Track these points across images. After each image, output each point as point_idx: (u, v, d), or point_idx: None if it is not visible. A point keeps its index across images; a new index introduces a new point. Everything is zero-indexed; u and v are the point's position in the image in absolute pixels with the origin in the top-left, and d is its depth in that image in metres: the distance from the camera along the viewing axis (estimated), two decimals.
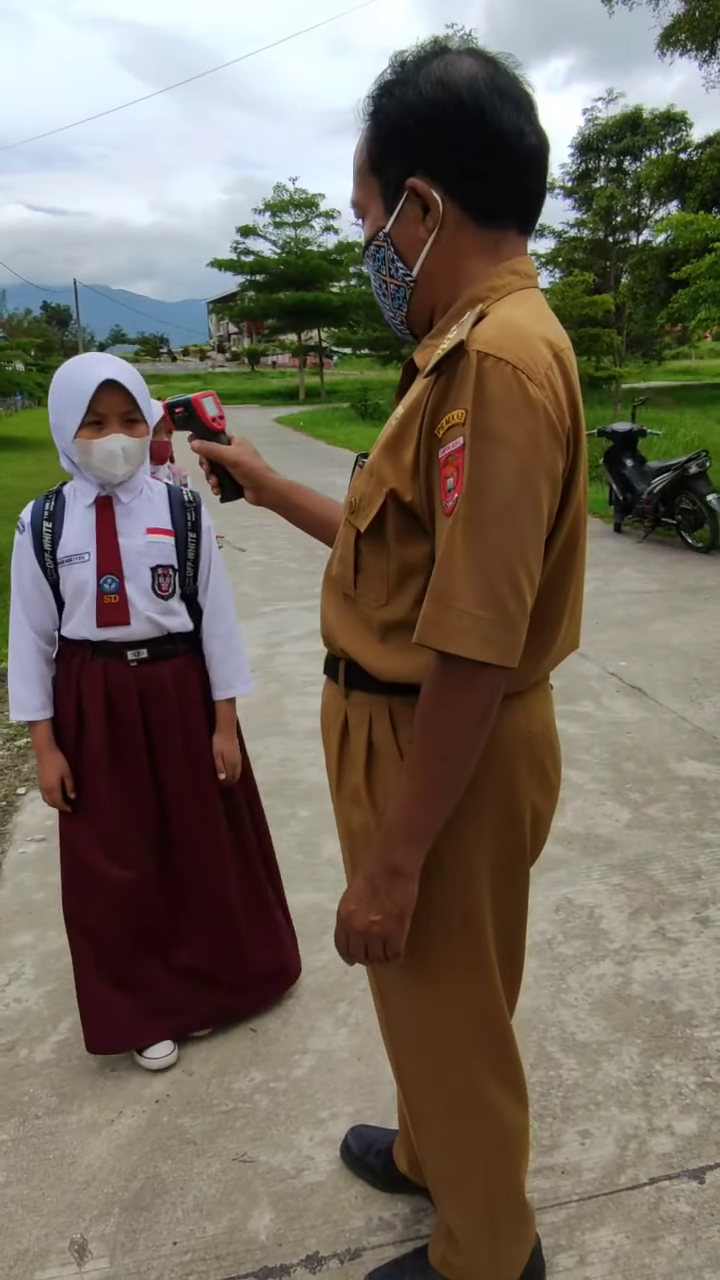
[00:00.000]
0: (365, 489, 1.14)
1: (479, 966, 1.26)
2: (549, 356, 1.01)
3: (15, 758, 3.79)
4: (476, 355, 0.97)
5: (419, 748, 1.05)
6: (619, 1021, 2.17)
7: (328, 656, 1.29)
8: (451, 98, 1.04)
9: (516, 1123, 1.37)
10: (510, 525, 0.97)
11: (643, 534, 7.80)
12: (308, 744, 3.82)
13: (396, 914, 1.11)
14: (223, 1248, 1.64)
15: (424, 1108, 1.38)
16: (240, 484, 1.41)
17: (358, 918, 1.13)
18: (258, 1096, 1.98)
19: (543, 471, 0.99)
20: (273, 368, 64.18)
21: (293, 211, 34.61)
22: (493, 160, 1.06)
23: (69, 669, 1.96)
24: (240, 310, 39.29)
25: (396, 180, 1.10)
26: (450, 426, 0.99)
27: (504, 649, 0.98)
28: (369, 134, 1.12)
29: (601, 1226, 1.66)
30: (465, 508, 0.96)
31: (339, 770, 1.28)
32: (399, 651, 1.13)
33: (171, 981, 2.09)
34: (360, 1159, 1.77)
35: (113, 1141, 1.87)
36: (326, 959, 2.42)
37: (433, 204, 1.08)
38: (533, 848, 1.28)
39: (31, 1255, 1.63)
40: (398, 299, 1.17)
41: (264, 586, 6.54)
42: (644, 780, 3.43)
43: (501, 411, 0.96)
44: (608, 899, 2.67)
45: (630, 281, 24.04)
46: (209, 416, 1.39)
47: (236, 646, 2.10)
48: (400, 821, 1.08)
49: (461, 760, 1.04)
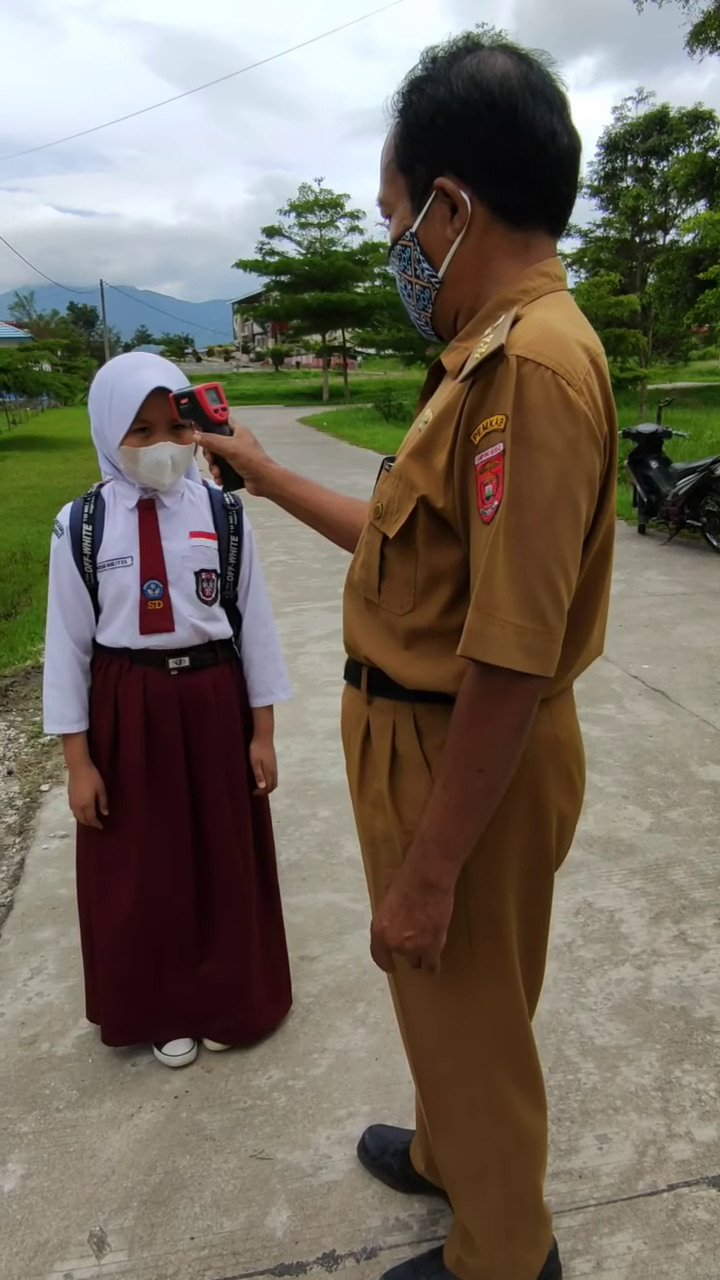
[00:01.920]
0: (393, 494, 1.12)
1: (502, 971, 1.25)
2: (586, 362, 1.00)
3: (39, 754, 3.83)
4: (516, 360, 0.96)
5: (455, 760, 1.03)
6: (638, 1026, 2.16)
7: (349, 662, 1.28)
8: (483, 96, 1.02)
9: (534, 1126, 1.37)
10: (550, 533, 0.96)
11: (667, 536, 7.74)
12: (329, 744, 3.83)
13: (431, 928, 1.10)
14: (239, 1244, 1.65)
15: (442, 1109, 1.38)
16: (240, 474, 1.42)
17: (391, 934, 1.12)
18: (276, 1094, 1.99)
19: (582, 478, 0.98)
20: (297, 368, 64.33)
21: (318, 212, 34.66)
22: (524, 161, 1.04)
23: (106, 679, 1.91)
24: (265, 311, 39.44)
25: (425, 179, 1.08)
26: (488, 432, 0.97)
27: (544, 659, 0.97)
28: (397, 131, 1.10)
29: (619, 1232, 1.65)
30: (506, 516, 0.95)
31: (361, 776, 1.27)
32: (424, 659, 1.12)
33: (193, 992, 2.06)
34: (377, 1159, 1.77)
35: (132, 1136, 1.89)
36: (345, 959, 2.43)
37: (461, 204, 1.06)
38: (557, 853, 1.27)
39: (51, 1246, 1.65)
40: (423, 300, 1.15)
41: (286, 587, 6.56)
42: (666, 784, 3.40)
43: (542, 417, 0.95)
44: (628, 903, 2.65)
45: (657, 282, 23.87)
46: (211, 408, 1.41)
47: (275, 653, 2.07)
48: (435, 834, 1.06)
49: (499, 772, 1.03)
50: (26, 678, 4.77)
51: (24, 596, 6.44)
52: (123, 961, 2.00)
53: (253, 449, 1.41)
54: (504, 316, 1.02)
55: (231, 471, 1.42)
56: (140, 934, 1.99)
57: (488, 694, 0.99)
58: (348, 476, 12.86)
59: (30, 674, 4.81)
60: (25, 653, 5.16)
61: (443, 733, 1.10)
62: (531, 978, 1.35)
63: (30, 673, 4.83)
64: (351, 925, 2.57)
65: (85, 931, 2.08)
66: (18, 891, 2.81)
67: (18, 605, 6.23)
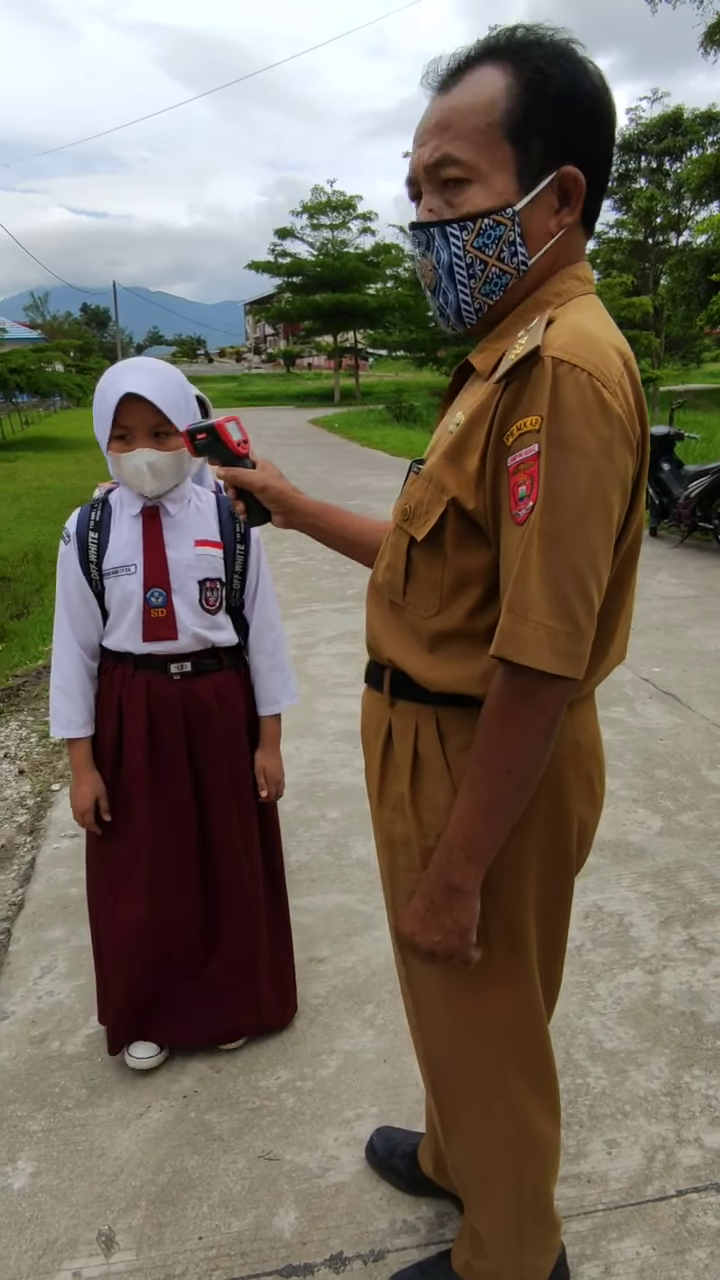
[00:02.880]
0: (423, 496, 1.11)
1: (519, 975, 1.25)
2: (620, 365, 1.00)
3: (50, 754, 3.84)
4: (552, 361, 0.95)
5: (483, 762, 1.03)
6: (648, 1031, 2.15)
7: (370, 664, 1.27)
8: (607, 98, 1.03)
9: (547, 1131, 1.36)
10: (583, 535, 0.96)
11: (679, 539, 7.71)
12: (339, 745, 3.83)
13: (458, 931, 1.10)
14: (247, 1244, 1.65)
15: (455, 1113, 1.38)
16: (268, 508, 1.36)
17: (420, 938, 1.12)
18: (284, 1095, 1.99)
19: (615, 480, 0.98)
20: (308, 369, 64.41)
21: (330, 213, 34.69)
22: (609, 169, 1.07)
23: (111, 683, 1.92)
24: (277, 312, 39.51)
25: (541, 159, 1.02)
26: (522, 433, 0.97)
27: (575, 661, 0.97)
28: (522, 96, 1.00)
29: (628, 1237, 1.64)
30: (541, 518, 0.95)
31: (381, 780, 1.26)
32: (449, 661, 1.12)
33: (199, 995, 2.06)
34: (385, 1161, 1.77)
35: (141, 1135, 1.90)
36: (354, 960, 2.43)
37: (578, 199, 1.04)
38: (577, 858, 1.26)
39: (60, 1245, 1.66)
40: (495, 284, 1.07)
41: (297, 588, 6.57)
42: (676, 788, 3.39)
43: (577, 419, 0.94)
44: (638, 907, 2.64)
45: (669, 283, 23.78)
46: (234, 441, 1.35)
47: (282, 661, 2.05)
48: (461, 838, 1.06)
49: (527, 774, 1.02)
50: (38, 677, 4.79)
51: (36, 597, 6.47)
52: (130, 971, 2.01)
53: (280, 481, 1.35)
54: (537, 319, 1.01)
55: (258, 506, 1.37)
56: (148, 941, 1.99)
57: (518, 695, 0.99)
58: (358, 478, 12.86)
59: (42, 674, 4.84)
60: (37, 653, 5.18)
61: (465, 736, 1.10)
62: (550, 982, 1.34)
63: (42, 673, 4.86)
64: (361, 927, 2.58)
65: (95, 936, 2.09)
66: (29, 890, 2.82)
67: (30, 605, 6.26)
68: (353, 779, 3.52)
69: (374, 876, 2.83)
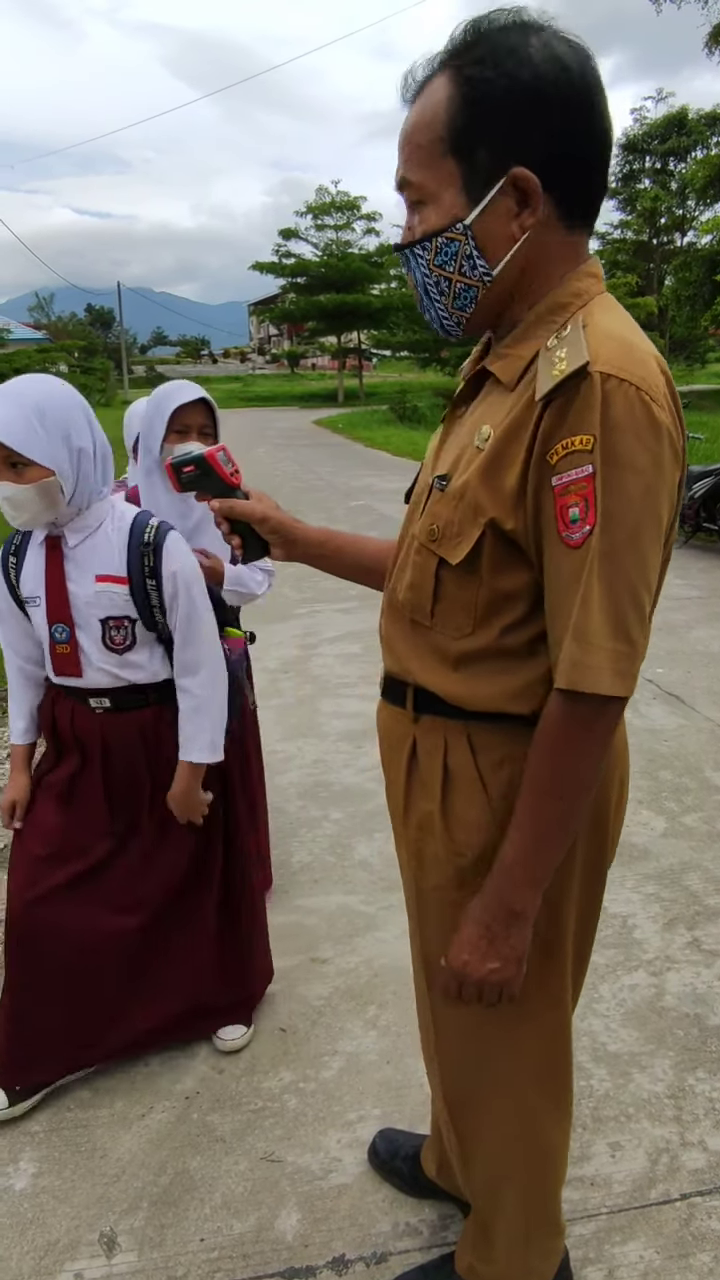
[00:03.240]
0: (454, 517, 1.05)
1: (554, 993, 1.22)
2: (660, 374, 0.97)
3: None
4: (600, 376, 0.92)
5: (539, 789, 1.01)
6: (651, 1033, 2.14)
7: (388, 680, 1.23)
8: (569, 82, 0.94)
9: (559, 1142, 1.35)
10: (638, 553, 0.94)
11: (683, 539, 7.69)
12: (341, 746, 3.83)
13: (515, 959, 1.08)
14: (249, 1246, 1.64)
15: (468, 1124, 1.36)
16: (266, 540, 1.28)
17: (474, 967, 1.09)
18: (286, 1096, 1.99)
19: (665, 494, 0.96)
20: (312, 370, 64.46)
21: (334, 214, 34.72)
22: (595, 157, 0.99)
23: (47, 700, 1.94)
24: (281, 313, 39.55)
25: (489, 166, 0.97)
26: (570, 453, 0.93)
27: (632, 680, 0.96)
28: (458, 107, 0.97)
29: (631, 1241, 1.64)
30: (600, 540, 0.92)
31: (406, 797, 1.22)
32: (479, 679, 1.08)
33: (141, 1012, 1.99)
34: (387, 1163, 1.76)
35: (143, 1136, 1.89)
36: (356, 961, 2.42)
37: (536, 200, 0.98)
38: (609, 858, 1.25)
39: (62, 1246, 1.65)
40: (464, 299, 1.05)
41: (300, 588, 6.56)
42: (680, 789, 3.38)
43: (630, 435, 0.92)
44: (641, 908, 2.64)
45: (674, 284, 23.77)
46: (225, 472, 1.25)
47: (206, 706, 1.86)
48: (521, 864, 1.04)
49: (584, 795, 1.02)
50: None
51: None
52: (33, 991, 1.91)
53: (280, 512, 1.27)
54: (570, 326, 0.97)
55: (256, 539, 1.28)
56: (69, 958, 1.91)
57: (578, 721, 0.97)
58: (362, 478, 12.86)
59: None
60: None
61: (500, 750, 1.08)
62: (576, 983, 1.31)
63: None
64: (363, 928, 2.57)
65: None
66: None
67: None
68: (355, 779, 3.51)
69: (377, 877, 2.83)
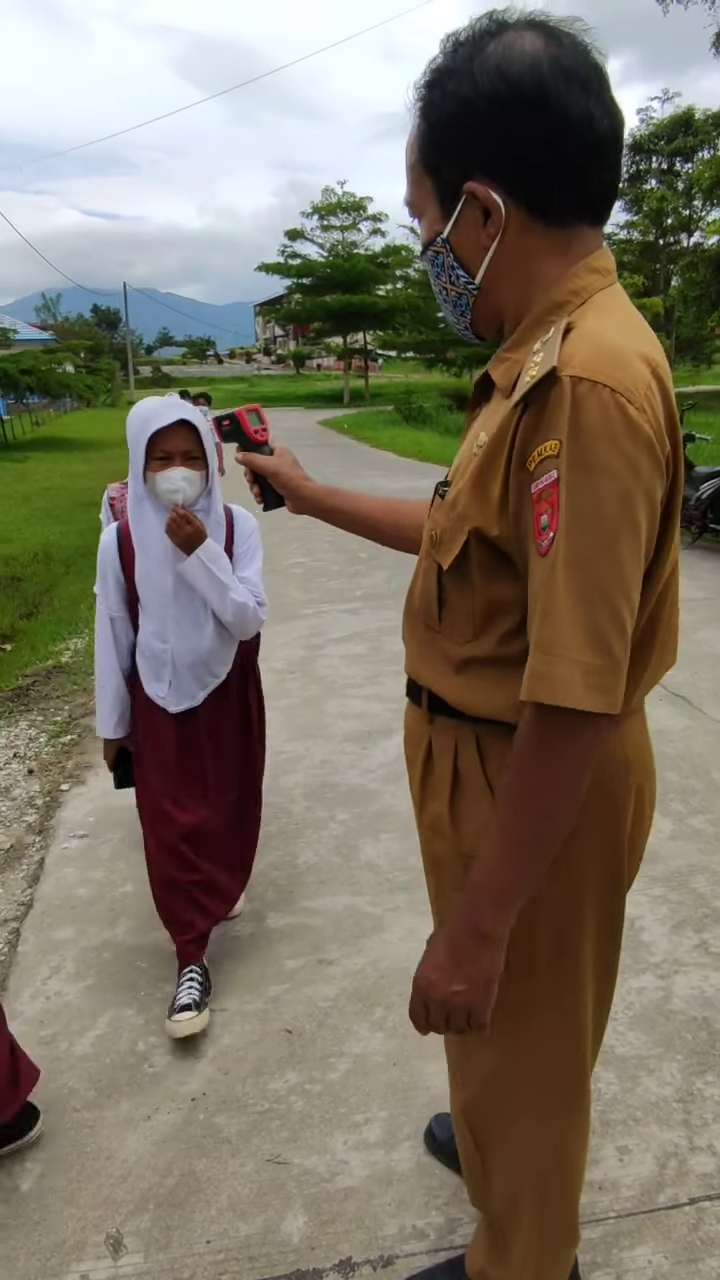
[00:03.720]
0: (446, 524, 1.08)
1: (568, 1001, 1.21)
2: (647, 375, 0.93)
3: (60, 754, 3.85)
4: (570, 381, 0.89)
5: (514, 804, 0.98)
6: (660, 1036, 2.13)
7: (411, 681, 1.25)
8: (511, 89, 0.94)
9: (576, 1153, 1.34)
10: (612, 560, 0.90)
11: (690, 540, 7.67)
12: (348, 747, 3.82)
13: (482, 982, 1.03)
14: (255, 1248, 1.64)
15: (487, 1139, 1.35)
16: (280, 493, 1.44)
17: (438, 988, 1.04)
18: (293, 1098, 1.98)
19: (643, 499, 0.92)
20: (318, 370, 64.46)
21: (340, 215, 34.74)
22: (560, 155, 0.96)
23: None
24: (286, 313, 39.57)
25: (453, 182, 1.01)
26: (543, 459, 0.91)
27: (611, 696, 0.91)
28: (420, 131, 1.03)
29: (639, 1245, 1.63)
30: (565, 547, 0.89)
31: (422, 797, 1.24)
32: (480, 686, 1.08)
33: None
34: (445, 1146, 1.77)
35: (149, 1137, 1.89)
36: (363, 962, 2.42)
37: (494, 209, 0.99)
38: (629, 873, 1.22)
39: (68, 1247, 1.65)
40: (461, 306, 1.10)
41: (306, 589, 6.56)
42: (687, 791, 3.37)
43: (601, 439, 0.89)
44: (649, 911, 2.62)
45: (680, 284, 23.72)
46: (251, 429, 1.45)
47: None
48: (488, 883, 1.00)
49: (561, 816, 0.97)
50: (48, 677, 4.80)
51: (45, 596, 6.48)
52: None
53: (293, 468, 1.42)
54: (554, 328, 0.95)
55: (272, 491, 1.45)
56: None
57: (550, 735, 0.93)
58: (366, 478, 12.86)
59: (52, 674, 4.84)
60: (46, 652, 5.19)
61: (505, 755, 1.06)
62: (602, 1001, 1.28)
63: (52, 672, 4.86)
64: (370, 929, 2.56)
65: None
66: (37, 890, 2.82)
67: (39, 605, 6.27)
68: (361, 780, 3.51)
69: (383, 879, 2.82)
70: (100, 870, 2.89)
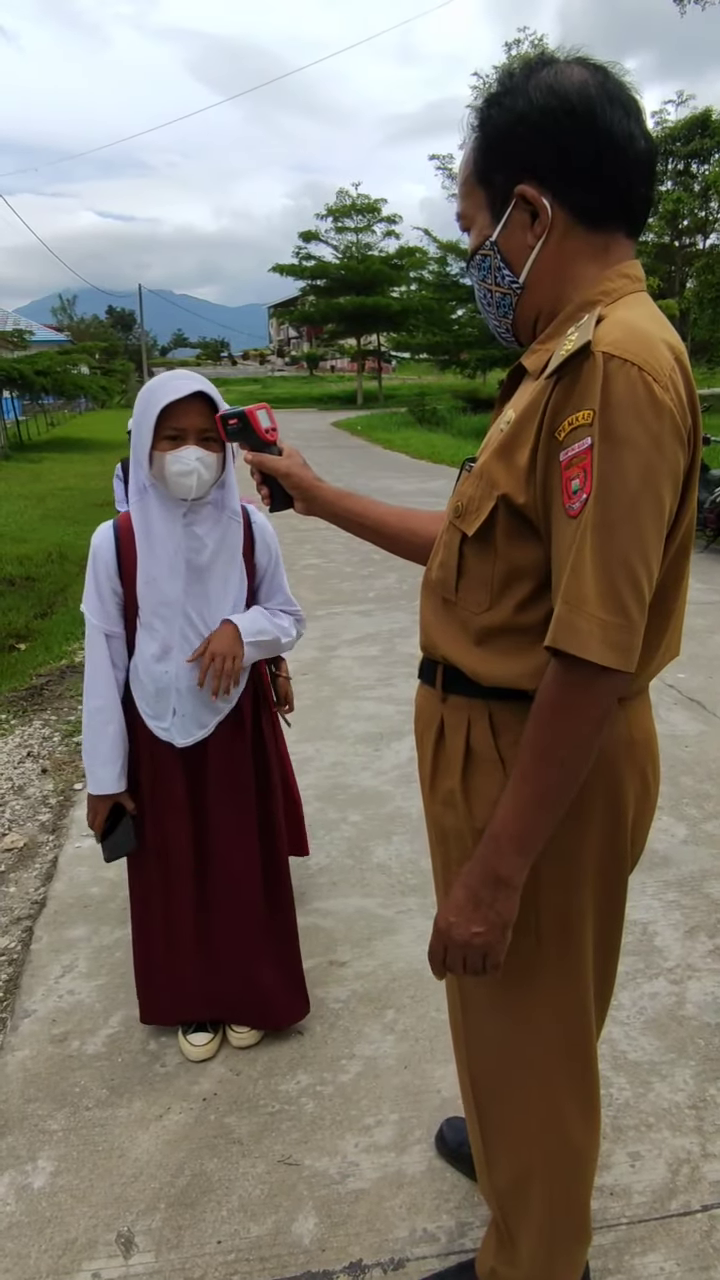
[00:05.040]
0: (473, 493, 1.14)
1: (571, 974, 1.24)
2: (671, 359, 1.01)
3: (73, 753, 3.86)
4: (603, 356, 0.97)
5: (533, 753, 1.03)
6: (672, 1042, 2.12)
7: (424, 661, 1.29)
8: (562, 103, 1.05)
9: (584, 1141, 1.34)
10: (634, 528, 0.97)
11: (704, 543, 7.63)
12: (359, 748, 3.82)
13: (500, 925, 1.10)
14: (266, 1250, 1.64)
15: (493, 1115, 1.37)
16: (290, 494, 1.43)
17: (458, 930, 1.11)
18: (304, 1099, 1.98)
19: (666, 473, 0.99)
20: (331, 372, 64.53)
21: (355, 216, 34.78)
22: (603, 165, 1.06)
23: None
24: (300, 315, 39.64)
25: (504, 188, 1.11)
26: (574, 428, 0.98)
27: (627, 654, 0.97)
28: (476, 145, 1.13)
29: (651, 1252, 1.62)
30: (595, 511, 0.96)
31: (433, 773, 1.28)
32: (499, 655, 1.13)
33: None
34: (455, 1150, 1.77)
35: (160, 1137, 1.89)
36: (374, 964, 2.41)
37: (541, 209, 1.08)
38: (632, 854, 1.27)
39: (80, 1245, 1.65)
40: (504, 307, 1.18)
41: (319, 590, 6.56)
42: (701, 795, 3.35)
43: (628, 413, 0.96)
44: (662, 915, 2.61)
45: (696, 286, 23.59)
46: (262, 428, 1.42)
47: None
48: (508, 830, 1.06)
49: (576, 766, 1.03)
50: (62, 677, 4.82)
51: (60, 596, 6.51)
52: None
53: (303, 469, 1.43)
54: (587, 316, 1.03)
55: (281, 492, 1.43)
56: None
57: (571, 687, 0.99)
58: (379, 480, 12.86)
59: (65, 673, 4.87)
60: (60, 652, 5.21)
61: (518, 730, 1.11)
62: (604, 981, 1.33)
63: (65, 672, 4.89)
64: (381, 931, 2.56)
65: None
66: (50, 889, 2.83)
67: (54, 605, 6.30)
68: (373, 782, 3.51)
69: (395, 881, 2.82)
70: (113, 869, 2.89)
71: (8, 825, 3.26)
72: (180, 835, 1.98)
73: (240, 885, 2.03)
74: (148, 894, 2.06)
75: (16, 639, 5.49)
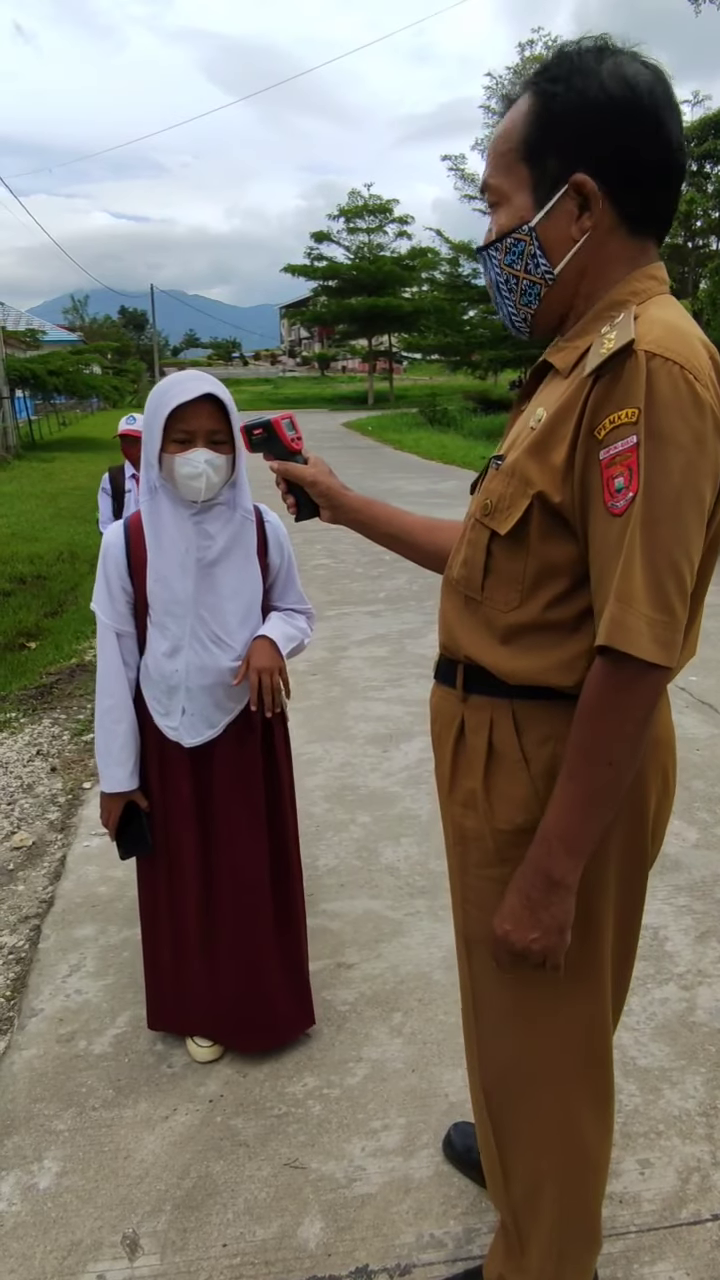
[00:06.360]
0: (505, 491, 1.12)
1: (592, 979, 1.23)
2: (707, 357, 1.02)
3: (82, 752, 3.86)
4: (645, 355, 0.97)
5: (582, 753, 1.03)
6: (683, 1048, 2.10)
7: (441, 660, 1.28)
8: (635, 100, 1.02)
9: (597, 1147, 1.33)
10: (678, 526, 0.97)
11: None
12: (369, 749, 3.81)
13: (557, 929, 1.09)
14: (272, 1253, 1.63)
15: (509, 1123, 1.35)
16: (316, 503, 1.43)
17: (515, 937, 1.11)
18: (310, 1102, 1.97)
19: (708, 471, 0.99)
20: (342, 373, 64.55)
21: (367, 217, 34.78)
22: (657, 170, 1.05)
23: None
24: (312, 315, 39.67)
25: (556, 173, 1.06)
26: (617, 426, 0.98)
27: (672, 650, 0.98)
28: (531, 120, 1.07)
29: (660, 1261, 1.60)
30: (641, 508, 0.96)
31: (452, 775, 1.26)
32: (526, 652, 1.12)
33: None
34: (462, 1156, 1.76)
35: (166, 1138, 1.88)
36: (382, 967, 2.40)
37: (595, 204, 1.06)
38: (651, 851, 1.26)
39: (85, 1246, 1.65)
40: (529, 295, 1.14)
41: (328, 590, 6.56)
42: (713, 799, 3.33)
43: (672, 411, 0.96)
44: (673, 920, 2.59)
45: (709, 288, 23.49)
46: (288, 438, 1.41)
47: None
48: (561, 832, 1.05)
49: (626, 765, 1.03)
50: (71, 676, 4.82)
51: (70, 595, 6.52)
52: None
53: (330, 477, 1.43)
54: (623, 314, 1.03)
55: (308, 501, 1.42)
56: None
57: (619, 685, 0.99)
58: (389, 481, 12.85)
59: (75, 672, 4.87)
60: (70, 651, 5.22)
61: (543, 727, 1.12)
62: (620, 981, 1.32)
63: (75, 671, 4.89)
64: (389, 933, 2.55)
65: None
66: (59, 888, 2.83)
67: (64, 604, 6.31)
68: (382, 783, 3.49)
69: (403, 883, 2.80)
70: (121, 869, 2.89)
71: (16, 823, 3.27)
72: (186, 838, 1.96)
73: (247, 892, 2.00)
74: (154, 896, 2.05)
75: (27, 637, 5.50)
